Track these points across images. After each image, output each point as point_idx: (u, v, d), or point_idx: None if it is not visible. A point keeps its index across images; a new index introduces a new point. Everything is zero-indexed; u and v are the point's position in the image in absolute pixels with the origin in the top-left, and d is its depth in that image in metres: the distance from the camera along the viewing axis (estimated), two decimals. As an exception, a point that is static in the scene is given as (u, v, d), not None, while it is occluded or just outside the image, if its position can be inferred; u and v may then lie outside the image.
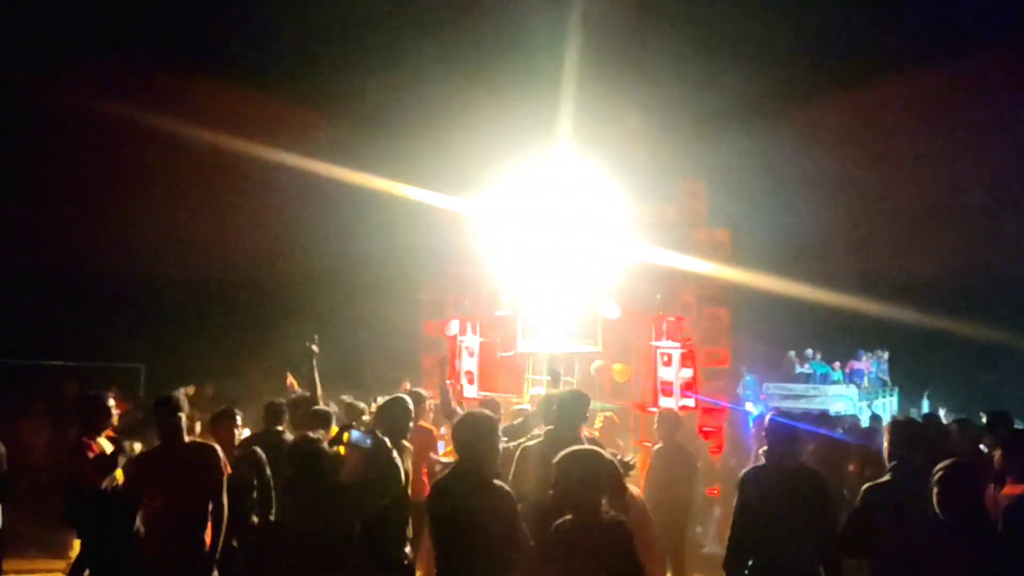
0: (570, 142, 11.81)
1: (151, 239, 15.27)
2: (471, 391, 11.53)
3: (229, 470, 5.16)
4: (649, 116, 14.00)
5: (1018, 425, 7.75)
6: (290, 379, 7.26)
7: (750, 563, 4.75)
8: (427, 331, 12.67)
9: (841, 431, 8.27)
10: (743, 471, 4.99)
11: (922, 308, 17.98)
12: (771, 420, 5.01)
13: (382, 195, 13.35)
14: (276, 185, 15.27)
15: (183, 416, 5.07)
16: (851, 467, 6.76)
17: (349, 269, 15.33)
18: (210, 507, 4.93)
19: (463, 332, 12.16)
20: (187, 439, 5.14)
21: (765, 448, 4.96)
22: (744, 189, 16.03)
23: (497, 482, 4.12)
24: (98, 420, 5.71)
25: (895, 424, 4.75)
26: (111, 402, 5.83)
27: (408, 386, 7.23)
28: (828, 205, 18.48)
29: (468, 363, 12.33)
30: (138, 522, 5.26)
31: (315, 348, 6.81)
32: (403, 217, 13.34)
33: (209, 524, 4.91)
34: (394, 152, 14.91)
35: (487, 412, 4.44)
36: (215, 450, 5.09)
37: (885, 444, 4.61)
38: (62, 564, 7.02)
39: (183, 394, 5.57)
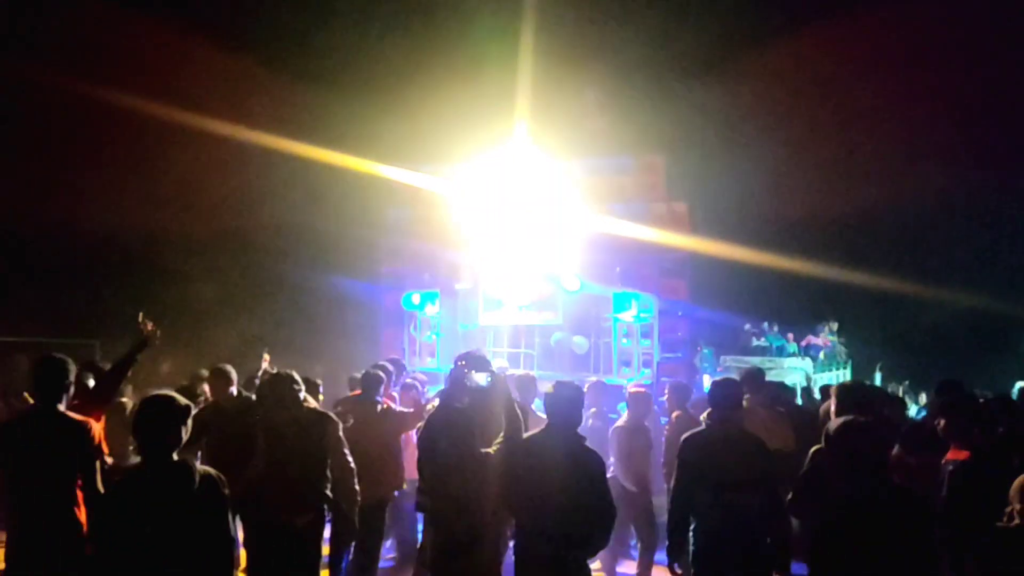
0: (528, 116, 11.81)
1: (108, 213, 14.94)
2: (431, 364, 11.56)
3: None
4: (607, 90, 14.04)
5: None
6: (266, 358, 7.15)
7: (693, 526, 4.82)
8: (387, 304, 12.63)
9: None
10: (684, 436, 4.99)
11: (876, 282, 18.38)
12: (713, 383, 5.10)
13: (343, 168, 13.24)
14: (236, 159, 15.03)
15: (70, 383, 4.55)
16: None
17: (309, 243, 15.19)
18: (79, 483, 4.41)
19: (423, 305, 12.17)
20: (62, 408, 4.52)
21: (707, 413, 5.03)
22: (702, 163, 16.17)
23: (587, 444, 4.42)
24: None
25: (842, 388, 4.85)
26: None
27: (268, 358, 7.08)
28: (785, 178, 18.69)
29: (429, 336, 12.36)
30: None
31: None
32: (363, 190, 13.24)
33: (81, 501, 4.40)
34: (354, 125, 14.75)
35: (575, 383, 4.67)
36: (84, 425, 4.49)
37: (832, 407, 4.72)
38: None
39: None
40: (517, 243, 11.60)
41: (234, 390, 6.22)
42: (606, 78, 14.71)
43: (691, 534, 4.85)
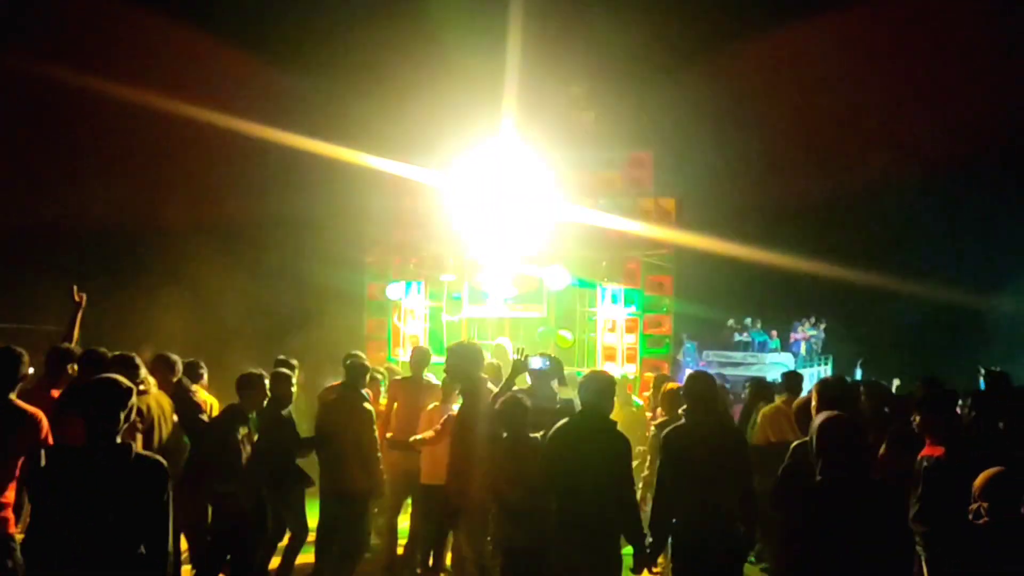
0: (516, 109, 11.79)
1: (81, 198, 14.78)
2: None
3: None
4: (595, 84, 14.03)
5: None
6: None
7: (674, 521, 4.85)
8: (371, 294, 12.60)
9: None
10: (664, 430, 5.04)
11: (859, 278, 18.54)
12: (688, 377, 5.15)
13: (327, 157, 13.17)
14: (219, 147, 14.90)
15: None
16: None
17: (293, 231, 15.13)
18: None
19: (408, 296, 12.17)
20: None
21: (685, 407, 5.06)
22: (691, 158, 16.22)
23: (619, 429, 4.82)
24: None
25: (822, 384, 4.89)
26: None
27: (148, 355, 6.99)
28: (772, 175, 18.80)
29: (413, 327, 12.37)
30: None
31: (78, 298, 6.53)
32: (348, 179, 13.19)
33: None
34: (340, 114, 14.69)
35: (608, 372, 5.23)
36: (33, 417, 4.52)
37: (813, 403, 4.76)
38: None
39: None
40: (503, 236, 11.60)
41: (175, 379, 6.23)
42: (594, 72, 14.70)
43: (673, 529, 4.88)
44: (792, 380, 7.74)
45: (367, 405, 6.41)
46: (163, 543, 3.49)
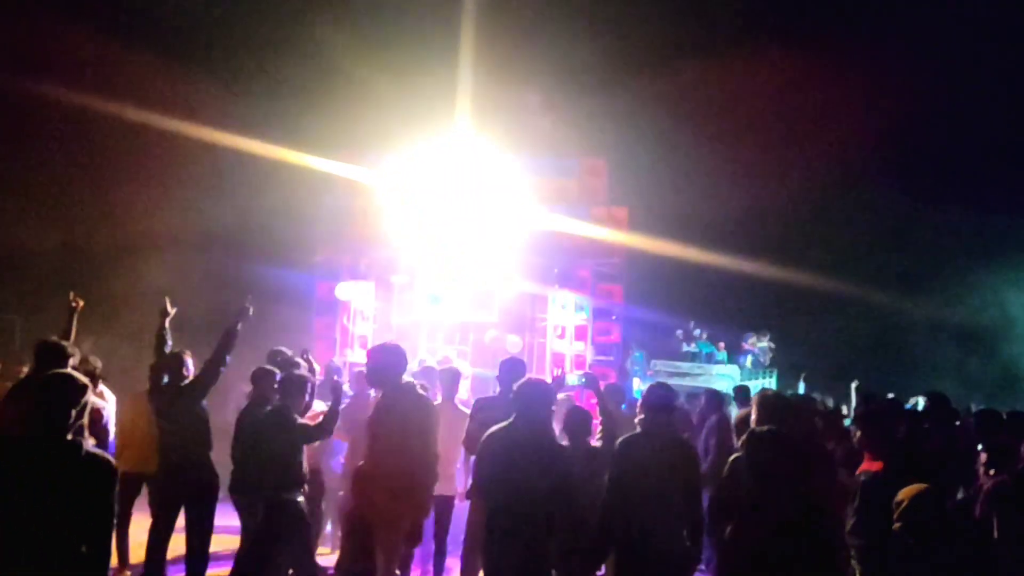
0: (470, 113, 11.79)
1: (33, 212, 14.36)
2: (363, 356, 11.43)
3: None
4: (550, 91, 14.10)
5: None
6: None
7: (620, 529, 4.79)
8: (320, 294, 12.45)
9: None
10: (619, 439, 5.01)
11: (809, 292, 18.88)
12: (648, 388, 5.14)
13: (278, 154, 12.97)
14: (166, 147, 14.57)
15: None
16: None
17: (241, 229, 14.85)
18: None
19: (356, 297, 12.04)
20: None
21: (640, 417, 5.07)
22: (643, 168, 16.35)
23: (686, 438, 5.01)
24: None
25: (763, 397, 4.93)
26: None
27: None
28: (724, 188, 19.02)
29: (362, 327, 12.24)
30: None
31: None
32: (299, 176, 13.00)
33: None
34: (290, 111, 14.51)
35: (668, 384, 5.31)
36: None
37: (753, 417, 4.81)
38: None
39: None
40: (455, 239, 11.56)
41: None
42: (550, 78, 14.76)
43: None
44: (742, 394, 7.94)
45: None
46: (106, 542, 3.45)
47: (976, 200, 19.36)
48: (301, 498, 5.81)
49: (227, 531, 6.64)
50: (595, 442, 5.52)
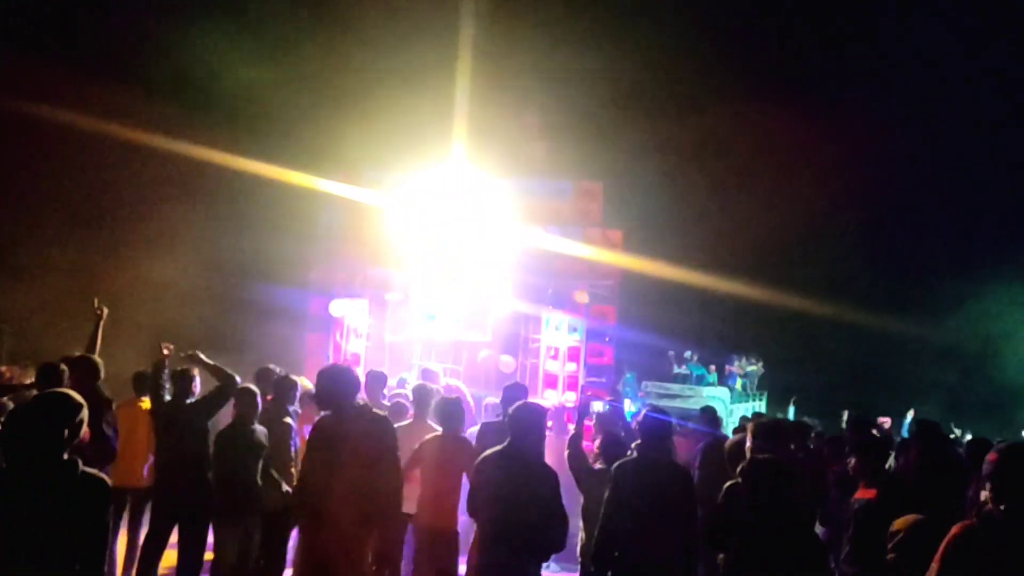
0: (468, 134, 11.86)
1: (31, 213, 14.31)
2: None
3: None
4: (547, 114, 14.20)
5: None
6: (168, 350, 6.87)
7: (616, 554, 4.82)
8: (313, 311, 12.43)
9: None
10: (617, 463, 5.02)
11: (800, 316, 19.00)
12: (646, 415, 5.16)
13: (273, 173, 12.99)
14: (159, 166, 14.57)
15: None
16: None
17: (236, 246, 14.84)
18: None
19: (350, 314, 12.04)
20: None
21: (638, 442, 5.08)
22: (638, 191, 16.47)
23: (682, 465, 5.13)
24: None
25: (757, 423, 4.95)
26: None
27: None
28: (718, 212, 19.20)
29: (355, 344, 12.22)
30: None
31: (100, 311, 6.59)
32: (295, 194, 13.02)
33: None
34: (286, 131, 14.55)
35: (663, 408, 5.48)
36: None
37: (748, 442, 4.82)
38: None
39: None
40: (450, 259, 11.59)
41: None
42: (547, 102, 14.86)
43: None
44: (708, 414, 8.38)
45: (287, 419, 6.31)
46: (100, 562, 3.43)
47: (964, 224, 19.60)
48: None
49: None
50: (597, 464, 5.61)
